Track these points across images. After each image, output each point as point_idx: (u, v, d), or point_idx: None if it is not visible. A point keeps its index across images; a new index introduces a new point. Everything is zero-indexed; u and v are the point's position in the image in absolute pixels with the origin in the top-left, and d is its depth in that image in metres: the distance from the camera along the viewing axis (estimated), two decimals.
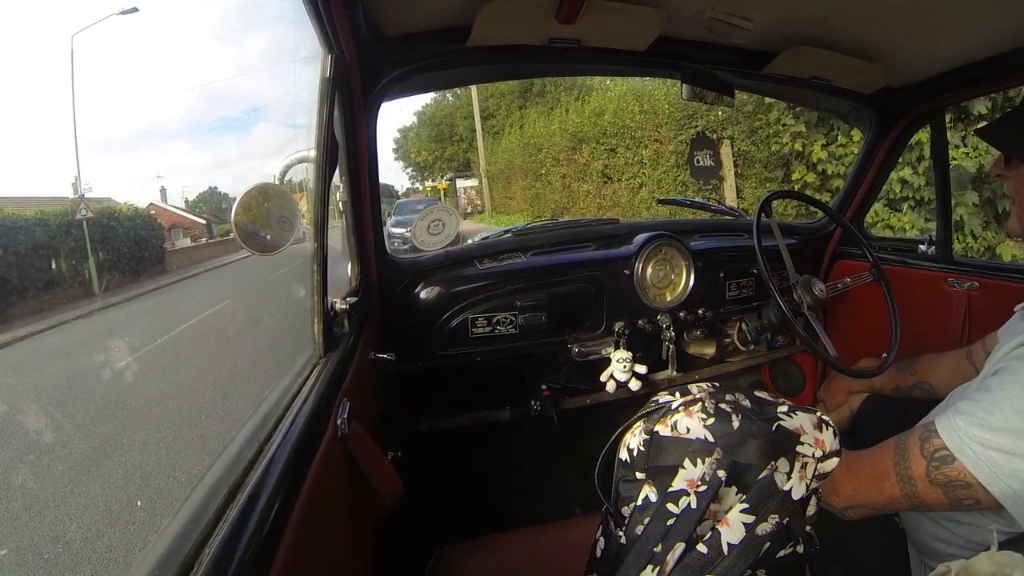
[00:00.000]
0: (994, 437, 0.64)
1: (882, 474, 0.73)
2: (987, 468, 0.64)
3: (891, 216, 4.49)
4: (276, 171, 0.82)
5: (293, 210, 0.74)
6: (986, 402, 0.67)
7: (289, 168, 0.82)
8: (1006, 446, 0.63)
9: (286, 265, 4.59)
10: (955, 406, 0.70)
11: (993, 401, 0.66)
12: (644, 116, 7.78)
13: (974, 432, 0.66)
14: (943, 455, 0.68)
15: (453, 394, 1.35)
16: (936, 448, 0.68)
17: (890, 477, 0.72)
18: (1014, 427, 0.63)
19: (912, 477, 0.70)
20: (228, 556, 0.39)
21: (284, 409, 0.63)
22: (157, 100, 27.46)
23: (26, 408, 2.65)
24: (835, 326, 1.63)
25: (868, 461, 0.76)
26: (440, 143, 24.87)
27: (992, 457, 0.64)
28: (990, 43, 1.06)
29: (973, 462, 0.65)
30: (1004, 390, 0.66)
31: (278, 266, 4.97)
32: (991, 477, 0.64)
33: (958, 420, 0.68)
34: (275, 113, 24.76)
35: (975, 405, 0.68)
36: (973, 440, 0.65)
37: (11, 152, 12.97)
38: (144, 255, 5.27)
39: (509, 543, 0.99)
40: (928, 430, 0.71)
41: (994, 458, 0.64)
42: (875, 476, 0.74)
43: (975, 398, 0.69)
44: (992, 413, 0.65)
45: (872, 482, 0.74)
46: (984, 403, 0.67)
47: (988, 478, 0.64)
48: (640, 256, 1.31)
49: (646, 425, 0.57)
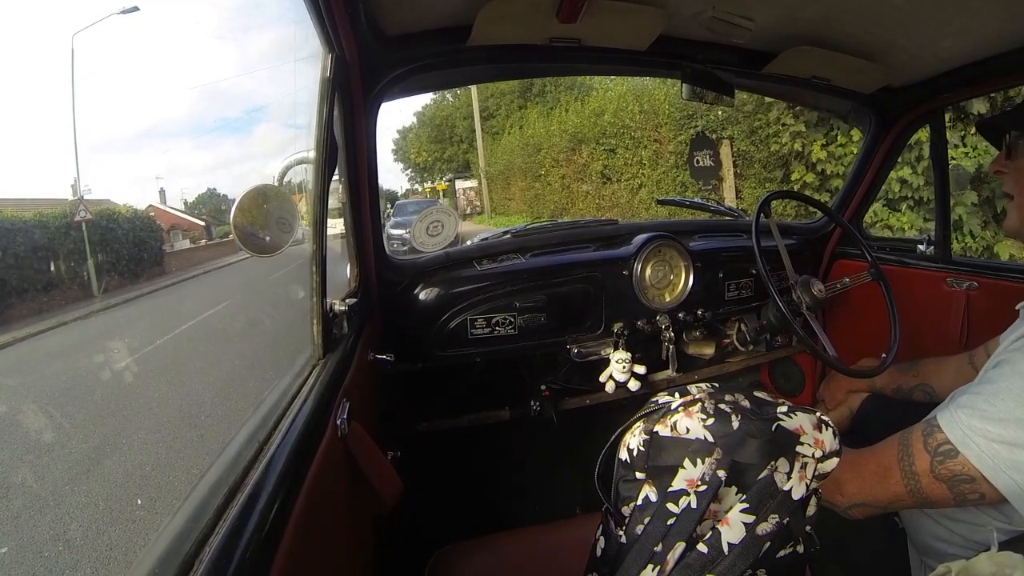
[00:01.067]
0: (997, 429, 0.64)
1: (886, 471, 0.73)
2: (990, 461, 0.64)
3: (890, 216, 4.49)
4: (275, 172, 0.82)
5: (292, 211, 0.74)
6: (988, 394, 0.66)
7: (288, 169, 0.82)
8: (1008, 437, 0.63)
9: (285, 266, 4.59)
10: (957, 400, 0.70)
11: (994, 392, 0.66)
12: (644, 116, 7.79)
13: (976, 425, 0.65)
14: (946, 449, 0.67)
15: (452, 395, 1.34)
16: (939, 443, 0.68)
17: (894, 474, 0.72)
18: (1015, 417, 0.63)
19: (916, 473, 0.70)
20: (228, 555, 0.39)
21: (284, 409, 0.63)
22: (157, 100, 27.45)
23: (26, 408, 2.65)
24: (834, 326, 1.63)
25: (872, 459, 0.76)
26: (440, 144, 24.88)
27: (995, 450, 0.64)
28: (990, 43, 1.06)
29: (976, 455, 0.65)
30: (1006, 380, 0.66)
31: (277, 267, 4.98)
32: (995, 470, 0.64)
33: (960, 414, 0.67)
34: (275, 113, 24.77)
35: (977, 398, 0.67)
36: (976, 433, 0.65)
37: (10, 153, 12.96)
38: (143, 257, 5.27)
39: (509, 543, 0.99)
40: (931, 425, 0.70)
41: (997, 451, 0.63)
42: (879, 473, 0.74)
43: (977, 391, 0.69)
44: (994, 404, 0.65)
45: (876, 480, 0.74)
46: (986, 395, 0.67)
47: (992, 471, 0.64)
48: (639, 257, 1.31)
49: (646, 425, 0.57)
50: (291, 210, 0.74)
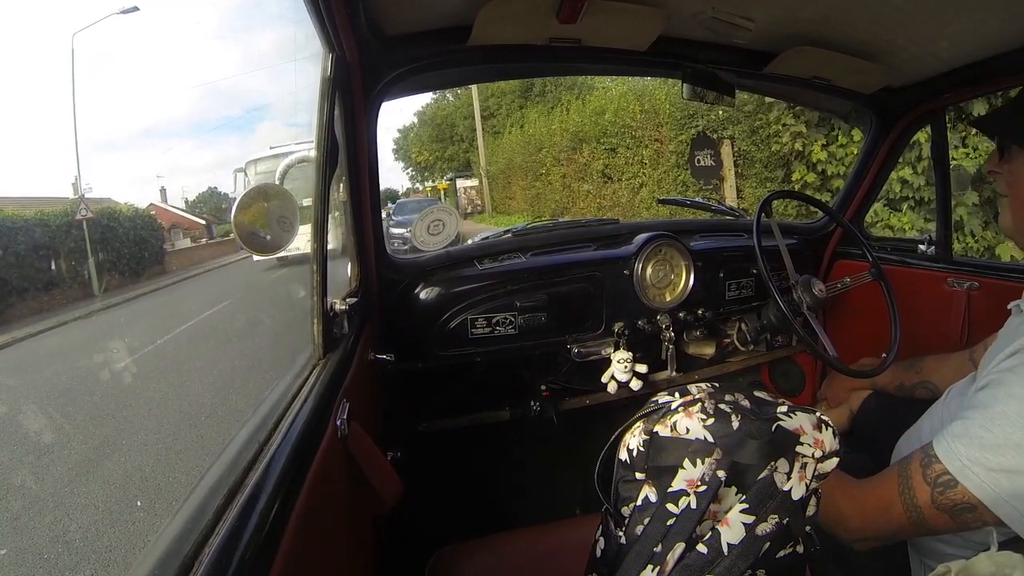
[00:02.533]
0: (995, 457, 0.64)
1: (888, 505, 0.73)
2: (991, 489, 0.63)
3: (891, 216, 4.48)
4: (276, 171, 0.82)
5: (293, 210, 0.73)
6: (983, 419, 0.66)
7: (289, 168, 0.82)
8: (1008, 464, 0.63)
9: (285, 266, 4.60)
10: (951, 429, 0.69)
11: (991, 418, 0.66)
12: (645, 116, 7.77)
13: (975, 455, 0.65)
14: (946, 480, 0.67)
15: (453, 395, 1.34)
16: (938, 474, 0.68)
17: (896, 507, 0.71)
18: (1014, 442, 0.63)
19: (918, 505, 0.69)
20: (228, 556, 0.39)
21: (284, 410, 0.63)
22: (157, 100, 27.48)
23: (26, 409, 2.65)
24: (835, 326, 1.63)
25: (873, 493, 0.75)
26: (440, 143, 24.89)
27: (996, 479, 0.63)
28: (990, 43, 1.06)
29: (977, 485, 0.64)
30: (1001, 405, 0.66)
31: (278, 266, 4.98)
32: (996, 499, 0.63)
33: (958, 444, 0.67)
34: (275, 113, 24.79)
35: (971, 424, 0.67)
36: (975, 463, 0.65)
37: (12, 152, 12.99)
38: (144, 255, 5.28)
39: (509, 543, 0.99)
40: (928, 455, 0.70)
41: (997, 479, 0.63)
42: (881, 508, 0.74)
43: (970, 416, 0.68)
44: (991, 431, 0.65)
45: (879, 514, 0.74)
46: (981, 420, 0.66)
47: (993, 500, 0.63)
48: (640, 256, 1.31)
49: (646, 425, 0.57)
50: (292, 209, 0.74)
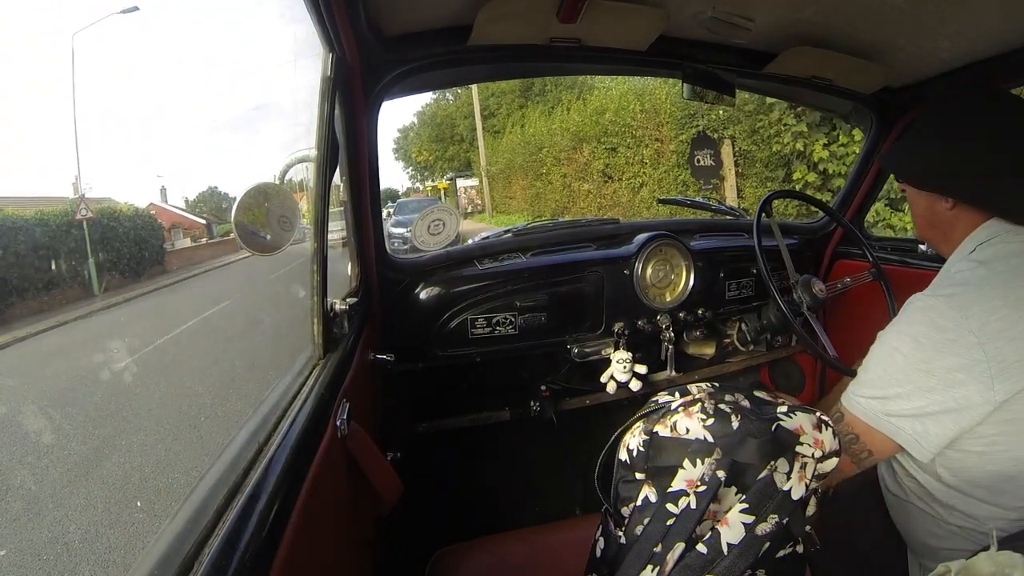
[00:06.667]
0: (869, 390, 0.75)
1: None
2: (868, 413, 0.74)
3: (892, 216, 4.48)
4: (276, 171, 0.82)
5: (293, 210, 0.73)
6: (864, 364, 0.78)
7: (289, 168, 0.82)
8: (879, 393, 0.74)
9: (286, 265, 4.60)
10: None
11: (866, 361, 0.78)
12: (645, 115, 7.77)
13: (854, 389, 0.77)
14: (838, 416, 0.78)
15: (453, 395, 1.34)
16: (835, 411, 0.79)
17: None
18: (879, 376, 0.74)
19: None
20: (228, 557, 0.39)
21: (284, 410, 0.63)
22: (157, 99, 27.47)
23: (26, 409, 2.65)
24: (835, 326, 1.63)
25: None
26: (441, 143, 24.89)
27: (871, 404, 0.74)
28: (990, 43, 1.06)
29: (860, 411, 0.75)
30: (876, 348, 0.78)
31: (278, 266, 4.98)
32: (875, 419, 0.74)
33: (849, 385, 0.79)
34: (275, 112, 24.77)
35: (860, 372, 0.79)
36: (855, 395, 0.77)
37: (11, 151, 12.98)
38: (144, 255, 5.28)
39: (509, 543, 0.99)
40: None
41: (872, 404, 0.74)
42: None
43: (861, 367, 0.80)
44: (866, 371, 0.77)
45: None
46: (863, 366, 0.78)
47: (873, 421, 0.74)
48: (640, 256, 1.31)
49: (645, 425, 0.57)
50: (292, 208, 0.74)
